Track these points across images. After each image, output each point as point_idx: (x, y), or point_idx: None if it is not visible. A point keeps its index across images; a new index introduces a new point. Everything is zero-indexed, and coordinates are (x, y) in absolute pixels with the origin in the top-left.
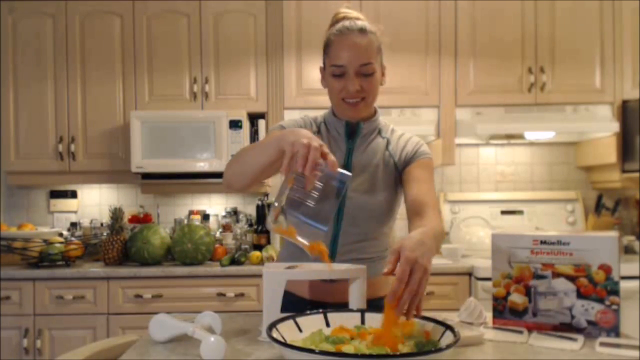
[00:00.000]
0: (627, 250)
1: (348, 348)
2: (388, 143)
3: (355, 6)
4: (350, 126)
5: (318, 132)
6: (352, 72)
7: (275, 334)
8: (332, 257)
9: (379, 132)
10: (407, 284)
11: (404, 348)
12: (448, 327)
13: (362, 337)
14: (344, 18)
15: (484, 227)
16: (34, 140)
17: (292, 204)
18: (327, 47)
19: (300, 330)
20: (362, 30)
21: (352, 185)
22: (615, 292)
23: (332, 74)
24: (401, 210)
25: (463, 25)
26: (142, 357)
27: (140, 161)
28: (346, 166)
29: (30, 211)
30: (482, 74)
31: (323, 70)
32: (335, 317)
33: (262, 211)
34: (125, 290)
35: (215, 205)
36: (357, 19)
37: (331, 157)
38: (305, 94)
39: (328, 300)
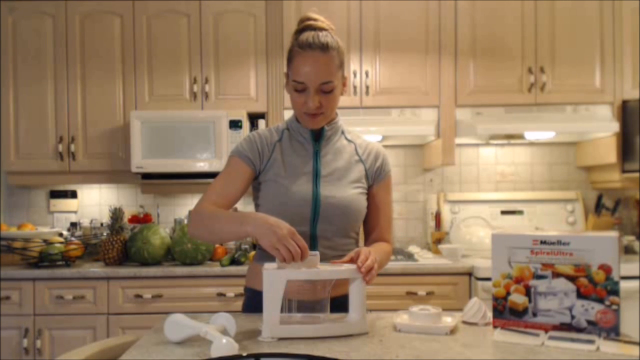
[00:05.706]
0: (627, 250)
1: None
2: (356, 147)
3: (355, 6)
4: (315, 131)
5: (280, 140)
6: (312, 89)
7: None
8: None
9: (342, 133)
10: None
11: None
12: None
13: None
14: (309, 27)
15: (484, 227)
16: (34, 140)
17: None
18: (290, 59)
19: None
20: (324, 48)
21: (324, 186)
22: (615, 292)
23: (295, 88)
24: (399, 209)
25: (463, 25)
26: (151, 356)
27: (140, 161)
28: (315, 167)
29: (30, 211)
30: (482, 74)
31: (287, 77)
32: None
33: None
34: (125, 290)
35: None
36: (322, 29)
37: (301, 242)
38: None
39: (306, 297)
